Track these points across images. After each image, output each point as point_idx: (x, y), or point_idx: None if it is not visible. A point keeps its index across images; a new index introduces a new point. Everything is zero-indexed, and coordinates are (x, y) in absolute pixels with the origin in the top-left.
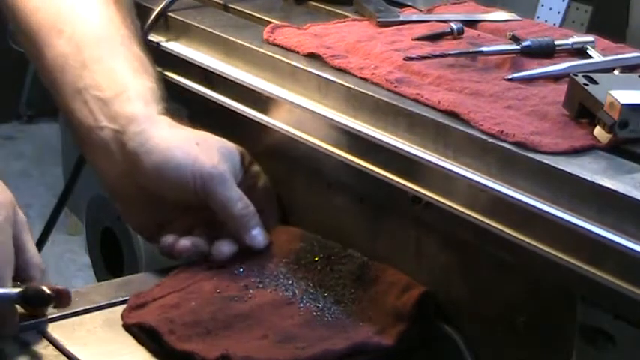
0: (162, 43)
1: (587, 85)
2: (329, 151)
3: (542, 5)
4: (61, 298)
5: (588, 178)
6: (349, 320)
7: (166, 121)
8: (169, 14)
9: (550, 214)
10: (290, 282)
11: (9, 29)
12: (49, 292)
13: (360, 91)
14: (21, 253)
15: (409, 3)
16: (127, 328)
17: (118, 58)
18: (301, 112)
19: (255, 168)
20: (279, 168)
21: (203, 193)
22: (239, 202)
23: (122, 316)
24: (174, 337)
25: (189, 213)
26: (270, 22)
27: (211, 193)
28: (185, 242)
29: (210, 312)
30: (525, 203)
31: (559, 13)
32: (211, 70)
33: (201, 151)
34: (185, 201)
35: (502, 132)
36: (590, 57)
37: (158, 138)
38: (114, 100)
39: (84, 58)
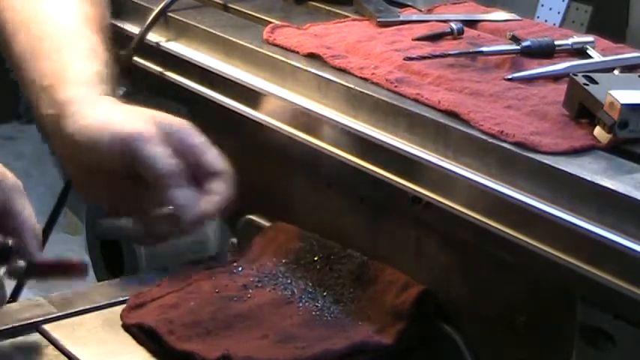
0: (162, 43)
1: (587, 85)
2: (329, 151)
3: (542, 5)
4: (76, 268)
5: (588, 178)
6: (348, 320)
7: (107, 100)
8: (169, 14)
9: (550, 214)
10: (289, 281)
11: None
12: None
13: (360, 91)
14: (13, 216)
15: (409, 3)
16: (127, 328)
17: (68, 47)
18: (301, 112)
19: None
20: (278, 168)
21: (129, 156)
22: (163, 159)
23: (121, 316)
24: (174, 337)
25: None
26: (270, 22)
27: (134, 152)
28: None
29: (210, 312)
30: (525, 203)
31: (559, 13)
32: (211, 70)
33: (128, 120)
34: (125, 173)
35: (502, 132)
36: (590, 57)
37: (91, 117)
38: (55, 87)
39: (38, 51)
